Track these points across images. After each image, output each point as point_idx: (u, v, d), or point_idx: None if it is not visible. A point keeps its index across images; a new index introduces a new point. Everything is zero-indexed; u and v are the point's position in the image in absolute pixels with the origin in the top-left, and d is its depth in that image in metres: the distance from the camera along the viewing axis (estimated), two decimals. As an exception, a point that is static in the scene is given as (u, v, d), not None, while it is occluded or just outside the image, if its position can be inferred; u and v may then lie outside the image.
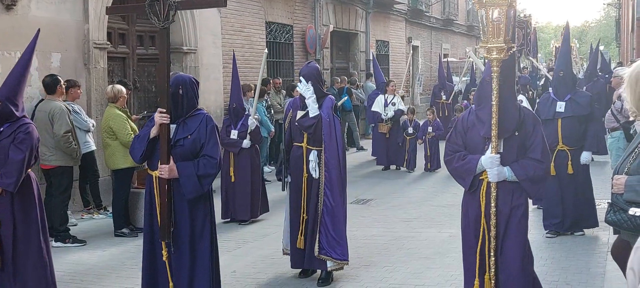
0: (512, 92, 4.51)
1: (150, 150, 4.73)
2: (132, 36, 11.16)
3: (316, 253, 6.02)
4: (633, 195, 3.41)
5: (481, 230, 4.53)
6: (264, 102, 12.39)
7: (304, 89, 6.04)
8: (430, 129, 13.18)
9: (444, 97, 18.53)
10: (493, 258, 4.51)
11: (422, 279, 6.21)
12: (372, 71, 17.48)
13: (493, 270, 4.52)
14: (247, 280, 6.31)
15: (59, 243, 7.74)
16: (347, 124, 16.52)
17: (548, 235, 7.44)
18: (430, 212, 9.34)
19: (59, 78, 8.13)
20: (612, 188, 3.58)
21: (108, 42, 10.26)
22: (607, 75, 15.91)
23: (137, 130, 8.32)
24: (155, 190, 4.69)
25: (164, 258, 4.70)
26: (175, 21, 11.89)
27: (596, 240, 7.27)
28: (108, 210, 9.06)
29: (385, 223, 8.74)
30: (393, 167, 13.65)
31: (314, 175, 6.06)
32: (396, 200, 10.33)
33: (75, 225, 8.48)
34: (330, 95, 6.25)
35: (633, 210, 3.42)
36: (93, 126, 8.95)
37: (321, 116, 6.02)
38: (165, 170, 4.60)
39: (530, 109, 4.74)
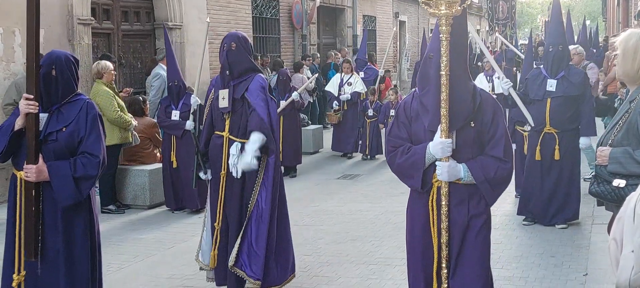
0: (463, 68, 3.54)
1: (16, 145, 3.78)
2: (117, 11, 11.06)
3: (230, 264, 4.84)
4: (617, 166, 3.44)
5: (434, 246, 3.60)
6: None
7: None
8: (392, 112, 11.38)
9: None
10: (445, 284, 3.58)
11: (409, 253, 6.24)
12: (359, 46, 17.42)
13: None
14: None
15: None
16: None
17: (524, 222, 7.05)
18: (417, 186, 9.35)
19: None
20: (596, 159, 3.60)
21: (92, 18, 10.17)
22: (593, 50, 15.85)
23: (124, 106, 8.28)
24: (18, 196, 3.76)
25: (14, 285, 3.79)
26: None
27: (581, 213, 7.33)
28: (95, 187, 9.03)
29: (372, 198, 8.78)
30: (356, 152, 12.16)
31: (233, 174, 4.87)
32: (383, 176, 10.36)
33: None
34: (260, 74, 5.05)
35: (617, 182, 3.45)
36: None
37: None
38: (32, 171, 3.66)
39: (489, 93, 3.89)
